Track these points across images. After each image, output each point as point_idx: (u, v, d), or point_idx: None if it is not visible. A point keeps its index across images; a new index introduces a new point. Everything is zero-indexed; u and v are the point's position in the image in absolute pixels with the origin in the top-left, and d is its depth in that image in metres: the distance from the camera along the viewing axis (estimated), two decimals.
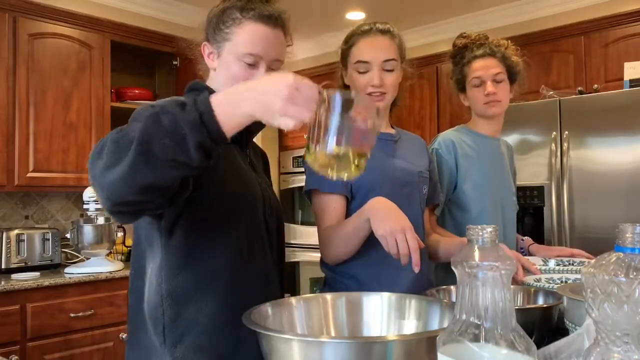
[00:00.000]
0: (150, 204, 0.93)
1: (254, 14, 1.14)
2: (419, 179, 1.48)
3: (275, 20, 1.16)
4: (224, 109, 0.84)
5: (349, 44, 1.46)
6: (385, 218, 1.18)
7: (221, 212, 1.11)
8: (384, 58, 1.40)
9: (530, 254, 1.80)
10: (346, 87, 1.51)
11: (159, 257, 1.09)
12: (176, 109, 0.83)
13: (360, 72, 1.41)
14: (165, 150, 0.81)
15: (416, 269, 1.14)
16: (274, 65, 1.18)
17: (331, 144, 0.83)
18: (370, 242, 1.25)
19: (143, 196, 0.88)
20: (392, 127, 1.55)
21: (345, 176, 0.87)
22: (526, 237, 1.91)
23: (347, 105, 0.84)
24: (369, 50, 1.41)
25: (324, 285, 1.45)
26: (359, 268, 1.36)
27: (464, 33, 1.84)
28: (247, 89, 0.85)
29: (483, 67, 1.72)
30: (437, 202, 1.63)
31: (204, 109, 0.83)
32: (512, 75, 1.76)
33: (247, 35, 1.13)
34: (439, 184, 1.64)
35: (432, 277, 1.53)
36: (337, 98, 0.84)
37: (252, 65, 1.14)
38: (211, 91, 1.19)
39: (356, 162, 0.86)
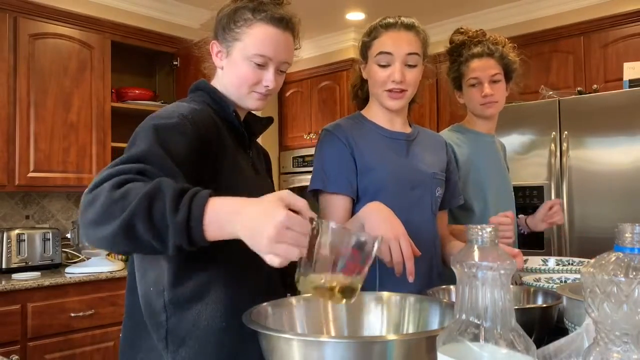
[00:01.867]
0: None
1: (266, 15, 1.15)
2: (432, 181, 1.43)
3: (286, 24, 1.17)
4: (215, 221, 0.82)
5: (371, 36, 1.42)
6: (379, 224, 1.14)
7: None
8: (407, 51, 1.36)
9: (529, 229, 1.94)
10: (364, 81, 1.48)
11: (160, 266, 1.08)
12: (170, 203, 0.82)
13: (381, 66, 1.37)
14: (146, 236, 0.83)
15: (410, 278, 1.09)
16: (283, 67, 1.19)
17: (319, 275, 0.82)
18: None
19: (124, 254, 0.92)
20: (410, 125, 1.51)
21: (339, 301, 0.86)
22: (520, 215, 1.98)
23: (340, 236, 0.83)
24: (392, 42, 1.37)
25: None
26: None
27: (461, 28, 1.82)
28: (240, 211, 0.82)
29: (481, 68, 1.71)
30: (456, 205, 1.59)
31: (195, 214, 0.82)
32: (508, 73, 1.76)
33: (257, 36, 1.14)
34: (459, 185, 1.59)
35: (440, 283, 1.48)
36: (330, 230, 0.83)
37: (261, 66, 1.15)
38: (217, 93, 1.19)
39: (341, 294, 0.84)
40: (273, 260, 0.79)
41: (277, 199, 0.80)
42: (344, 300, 0.84)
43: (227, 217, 0.83)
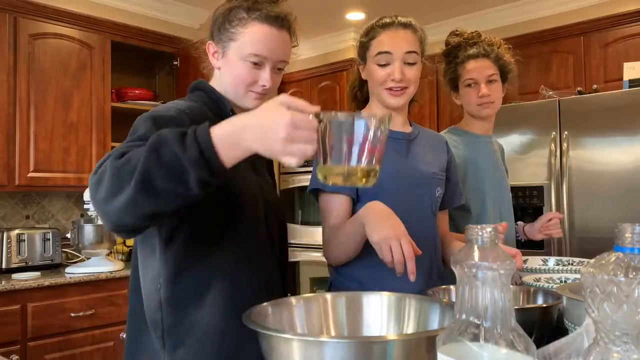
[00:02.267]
0: (154, 225, 0.96)
1: (261, 14, 1.14)
2: (432, 181, 1.43)
3: (282, 22, 1.16)
4: (225, 145, 0.83)
5: (369, 36, 1.41)
6: (380, 224, 1.14)
7: (221, 218, 1.11)
8: (406, 50, 1.36)
9: (527, 237, 1.96)
10: (363, 82, 1.48)
11: (158, 264, 1.08)
12: (176, 144, 0.82)
13: (380, 65, 1.37)
14: (166, 185, 0.83)
15: (412, 277, 1.10)
16: (280, 65, 1.18)
17: (341, 164, 0.84)
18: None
19: (146, 222, 0.91)
20: (411, 124, 1.50)
21: (362, 184, 0.88)
22: (519, 222, 1.98)
23: (347, 124, 0.83)
24: (390, 41, 1.37)
25: (329, 287, 1.43)
26: (363, 272, 1.33)
27: (457, 30, 1.82)
28: (245, 124, 0.84)
29: (477, 69, 1.71)
30: (457, 205, 1.58)
31: (205, 145, 0.82)
32: (504, 74, 1.76)
33: (253, 35, 1.13)
34: (459, 185, 1.59)
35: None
36: (337, 120, 0.83)
37: (258, 65, 1.15)
38: (214, 92, 1.19)
39: (365, 176, 0.86)
40: (290, 160, 0.81)
41: (277, 104, 0.82)
42: (367, 184, 0.87)
43: (236, 135, 0.84)
